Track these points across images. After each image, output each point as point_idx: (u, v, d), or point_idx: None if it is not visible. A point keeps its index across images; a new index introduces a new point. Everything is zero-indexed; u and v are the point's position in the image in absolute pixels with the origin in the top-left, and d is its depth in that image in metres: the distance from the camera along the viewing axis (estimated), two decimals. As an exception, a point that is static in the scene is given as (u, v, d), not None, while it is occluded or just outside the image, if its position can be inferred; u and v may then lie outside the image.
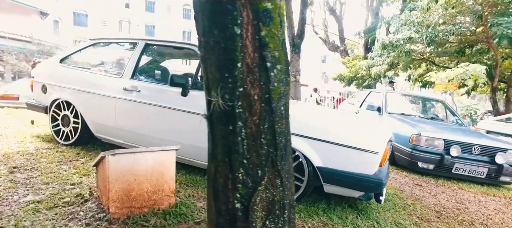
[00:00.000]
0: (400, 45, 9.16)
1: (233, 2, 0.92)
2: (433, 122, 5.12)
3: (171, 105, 2.76)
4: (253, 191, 1.11)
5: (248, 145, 1.07)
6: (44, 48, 14.81)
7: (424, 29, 8.98)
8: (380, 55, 11.04)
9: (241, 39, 0.96)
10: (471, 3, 8.37)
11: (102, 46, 3.58)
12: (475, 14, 8.69)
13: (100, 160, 1.91)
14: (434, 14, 8.47)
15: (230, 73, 0.99)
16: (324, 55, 41.89)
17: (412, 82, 12.83)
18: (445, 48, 10.36)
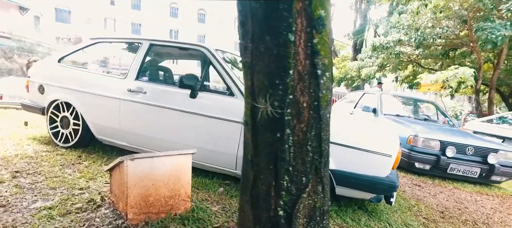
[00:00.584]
0: (390, 47, 9.36)
1: (289, 9, 0.92)
2: (426, 123, 5.27)
3: (180, 107, 2.72)
4: (297, 198, 1.12)
5: (294, 152, 1.07)
6: (25, 45, 14.28)
7: (413, 32, 9.22)
8: (370, 57, 11.26)
9: (294, 46, 0.96)
10: (457, 8, 8.66)
11: (103, 46, 3.48)
12: (460, 18, 9.00)
13: (117, 164, 1.86)
14: (423, 17, 8.71)
15: (282, 81, 0.99)
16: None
17: (399, 83, 13.15)
18: (431, 51, 10.68)
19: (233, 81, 2.66)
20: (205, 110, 2.64)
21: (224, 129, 2.59)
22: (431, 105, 6.33)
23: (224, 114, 2.59)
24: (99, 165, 2.88)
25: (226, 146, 2.60)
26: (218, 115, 2.61)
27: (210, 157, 2.69)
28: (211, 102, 2.67)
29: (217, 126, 2.61)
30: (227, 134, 2.59)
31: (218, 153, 2.65)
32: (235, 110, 2.57)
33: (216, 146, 2.64)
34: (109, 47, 3.53)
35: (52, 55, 3.85)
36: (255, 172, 1.17)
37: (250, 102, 1.11)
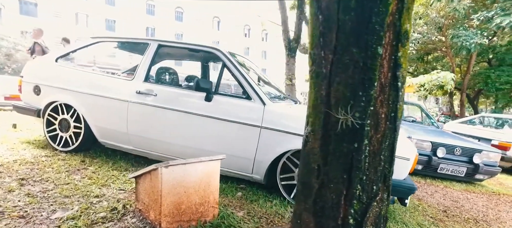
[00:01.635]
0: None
1: (382, 23, 0.94)
2: (415, 125, 5.52)
3: (195, 111, 2.67)
4: (367, 206, 1.15)
5: (369, 162, 1.10)
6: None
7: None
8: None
9: (380, 59, 0.98)
10: (434, 15, 9.14)
11: (104, 46, 3.33)
12: (436, 25, 9.52)
13: (147, 172, 1.80)
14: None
15: (365, 92, 1.01)
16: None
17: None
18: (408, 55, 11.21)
19: (250, 84, 2.65)
20: (222, 114, 2.62)
21: (242, 133, 2.58)
22: (416, 108, 6.63)
23: (241, 117, 2.58)
24: (106, 170, 2.76)
25: (244, 150, 2.59)
26: (235, 118, 2.59)
27: (227, 161, 2.66)
28: (228, 106, 2.65)
29: (234, 130, 2.59)
30: (244, 138, 2.58)
31: (235, 157, 2.63)
32: (253, 114, 2.57)
33: (233, 150, 2.62)
34: (111, 47, 3.38)
35: (50, 53, 3.63)
36: (322, 181, 1.19)
37: (323, 112, 1.13)
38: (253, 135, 2.55)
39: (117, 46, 3.42)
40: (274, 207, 2.39)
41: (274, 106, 2.59)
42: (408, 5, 0.93)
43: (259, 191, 2.73)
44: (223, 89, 4.27)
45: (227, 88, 8.53)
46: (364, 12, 0.93)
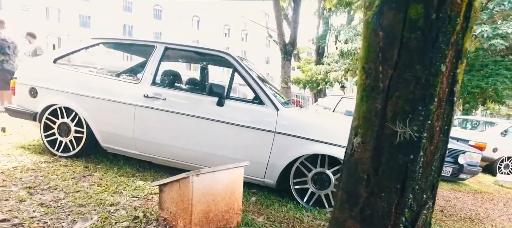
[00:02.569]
0: (356, 53, 10.00)
1: (447, 42, 1.00)
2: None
3: (207, 115, 2.65)
4: (417, 214, 1.21)
5: (421, 173, 1.16)
6: None
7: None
8: (336, 61, 11.88)
9: (442, 76, 1.04)
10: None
11: (106, 47, 3.23)
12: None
13: (175, 180, 1.78)
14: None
15: (425, 107, 1.07)
16: (268, 57, 43.10)
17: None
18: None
19: (263, 90, 2.67)
20: (235, 119, 2.62)
21: (255, 138, 2.60)
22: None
23: (254, 123, 2.59)
24: (113, 176, 2.69)
25: (256, 155, 2.61)
26: (248, 123, 2.60)
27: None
28: (240, 111, 2.66)
29: (247, 135, 2.61)
30: (257, 143, 2.60)
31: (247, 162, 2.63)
32: (266, 119, 2.59)
33: (246, 155, 2.63)
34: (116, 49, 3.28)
35: (46, 54, 3.45)
36: (372, 190, 1.24)
37: (377, 124, 1.17)
38: (267, 140, 2.57)
39: (120, 47, 3.32)
40: (290, 211, 2.43)
41: (287, 112, 2.62)
42: (471, 25, 1.00)
43: (271, 195, 2.76)
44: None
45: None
46: (431, 31, 0.99)
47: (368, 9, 1.13)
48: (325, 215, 2.46)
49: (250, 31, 41.00)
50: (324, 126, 2.62)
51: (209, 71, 4.24)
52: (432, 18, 0.98)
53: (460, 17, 0.98)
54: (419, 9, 0.98)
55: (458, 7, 0.96)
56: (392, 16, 1.05)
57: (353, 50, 9.97)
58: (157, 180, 2.77)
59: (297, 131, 2.53)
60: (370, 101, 1.19)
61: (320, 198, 2.59)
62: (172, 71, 3.38)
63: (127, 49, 3.44)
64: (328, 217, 2.42)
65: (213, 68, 4.27)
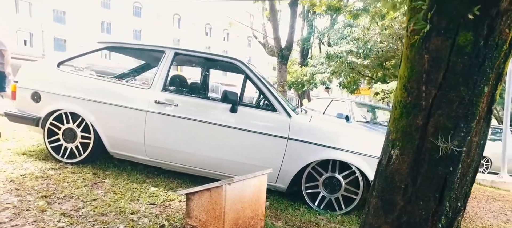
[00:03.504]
0: (342, 56, 10.29)
1: (492, 66, 1.11)
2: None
3: (220, 122, 2.69)
4: (451, 221, 1.32)
5: (458, 183, 1.27)
6: None
7: (361, 44, 10.31)
8: (322, 64, 12.16)
9: (484, 96, 1.16)
10: (397, 27, 9.97)
11: (113, 52, 3.18)
12: (398, 36, 10.40)
13: (206, 189, 1.82)
14: (372, 32, 9.82)
15: (466, 124, 1.18)
16: (249, 57, 43.19)
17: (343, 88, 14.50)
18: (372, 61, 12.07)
19: (275, 97, 2.74)
20: (248, 125, 2.68)
21: (268, 144, 2.66)
22: (388, 112, 7.19)
23: (268, 129, 2.66)
24: (125, 183, 2.67)
25: (270, 160, 2.68)
26: (262, 130, 2.66)
27: (251, 171, 2.70)
28: (254, 118, 2.71)
29: (261, 141, 2.67)
30: (271, 149, 2.67)
31: (260, 168, 2.69)
32: (280, 126, 2.67)
33: (259, 161, 2.69)
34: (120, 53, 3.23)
35: (49, 58, 3.34)
36: (410, 199, 1.34)
37: (417, 139, 1.28)
38: (280, 146, 2.65)
39: (128, 52, 3.28)
40: (304, 215, 2.52)
41: (299, 118, 2.71)
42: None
43: (282, 199, 2.84)
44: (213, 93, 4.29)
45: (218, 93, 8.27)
46: (478, 57, 1.10)
47: (413, 34, 1.23)
48: (337, 217, 2.57)
49: (231, 30, 40.92)
50: (335, 132, 2.73)
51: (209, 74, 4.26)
52: (480, 45, 1.09)
53: (506, 44, 1.10)
54: (469, 37, 1.09)
55: (505, 36, 1.08)
56: (439, 41, 1.15)
57: (339, 54, 10.24)
58: (169, 186, 2.78)
59: (310, 137, 2.63)
60: (411, 117, 1.29)
61: (330, 202, 2.70)
62: (180, 76, 3.38)
63: (135, 54, 3.39)
64: (340, 220, 2.53)
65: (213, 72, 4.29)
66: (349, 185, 2.66)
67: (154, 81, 2.85)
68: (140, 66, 4.12)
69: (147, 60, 3.72)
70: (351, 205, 2.67)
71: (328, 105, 7.16)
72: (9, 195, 2.11)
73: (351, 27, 10.53)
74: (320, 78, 12.51)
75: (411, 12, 1.26)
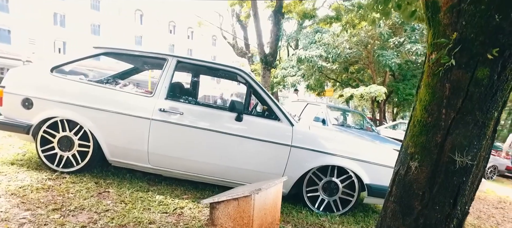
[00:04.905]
0: (313, 60, 10.74)
1: (502, 96, 1.37)
2: (366, 133, 6.46)
3: (226, 130, 2.78)
4: (461, 221, 1.58)
5: (468, 190, 1.53)
6: None
7: (331, 49, 10.85)
8: (292, 67, 12.56)
9: (494, 119, 1.42)
10: (363, 35, 10.65)
11: (110, 58, 3.10)
12: (363, 43, 11.11)
13: (233, 199, 1.92)
14: (340, 39, 10.39)
15: (479, 142, 1.43)
16: (214, 56, 42.81)
17: (310, 90, 15.07)
18: (340, 65, 12.74)
19: (278, 107, 2.89)
20: (253, 134, 2.79)
21: (272, 151, 2.81)
22: (360, 116, 7.70)
23: (272, 137, 2.80)
24: (130, 191, 2.65)
25: (273, 166, 2.83)
26: (266, 138, 2.80)
27: (256, 177, 2.84)
28: (258, 126, 2.84)
29: (265, 149, 2.80)
30: (274, 156, 2.82)
31: (265, 173, 2.83)
32: (283, 134, 2.82)
33: (263, 167, 2.83)
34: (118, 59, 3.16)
35: (41, 62, 3.14)
36: (427, 204, 1.57)
37: (436, 153, 1.51)
38: (284, 153, 2.81)
39: (126, 58, 3.21)
40: (308, 217, 2.70)
41: (301, 127, 2.89)
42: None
43: (284, 203, 2.99)
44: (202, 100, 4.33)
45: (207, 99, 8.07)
46: (492, 88, 1.34)
47: (436, 65, 1.45)
48: (336, 218, 2.79)
49: (196, 29, 40.21)
50: (334, 140, 2.95)
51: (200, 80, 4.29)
52: (494, 79, 1.34)
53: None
54: (486, 72, 1.33)
55: (515, 73, 1.35)
56: (460, 74, 1.38)
57: (309, 58, 10.67)
58: (174, 193, 2.81)
59: (311, 145, 2.82)
60: (431, 135, 1.52)
61: (328, 204, 2.91)
62: (180, 84, 3.38)
63: (134, 61, 3.32)
64: (339, 221, 2.76)
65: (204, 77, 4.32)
66: (345, 188, 2.90)
67: (158, 89, 2.85)
68: (128, 70, 4.02)
69: (148, 67, 3.66)
70: (347, 206, 2.91)
71: (303, 109, 7.47)
72: (18, 209, 2.03)
73: (322, 33, 11.02)
74: (292, 81, 12.92)
75: (434, 46, 1.49)
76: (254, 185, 2.25)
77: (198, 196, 2.85)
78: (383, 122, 12.59)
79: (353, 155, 2.85)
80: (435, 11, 1.47)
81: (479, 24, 1.33)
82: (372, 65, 11.47)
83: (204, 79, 4.13)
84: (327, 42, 10.62)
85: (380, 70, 11.62)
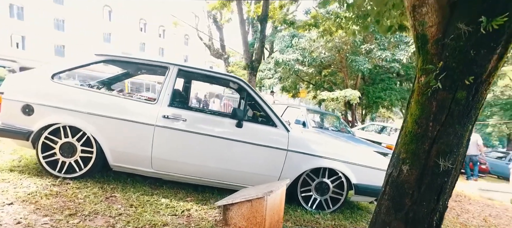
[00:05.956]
0: (290, 64, 11.14)
1: (475, 113, 1.70)
2: (344, 134, 6.89)
3: (228, 135, 2.97)
4: (442, 214, 1.91)
5: (448, 188, 1.86)
6: None
7: (307, 54, 11.32)
8: (269, 69, 12.89)
9: (469, 131, 1.75)
10: (337, 41, 11.22)
11: (112, 65, 3.16)
12: (337, 48, 11.69)
13: (247, 200, 2.13)
14: (316, 44, 10.87)
15: (457, 150, 1.76)
16: (186, 55, 42.25)
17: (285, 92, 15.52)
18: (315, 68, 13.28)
19: (275, 114, 3.13)
20: (253, 139, 3.01)
21: (270, 155, 3.04)
22: (336, 118, 8.16)
23: (270, 142, 3.04)
24: (136, 196, 2.76)
25: (271, 169, 3.06)
26: (264, 143, 3.03)
27: (254, 179, 3.06)
28: (257, 132, 3.06)
29: (263, 153, 3.03)
30: (272, 160, 3.05)
31: (262, 176, 3.06)
32: (280, 139, 3.07)
33: (261, 170, 3.05)
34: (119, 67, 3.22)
35: (40, 68, 3.10)
36: (416, 201, 1.89)
37: (424, 159, 1.82)
38: (280, 157, 3.05)
39: (128, 66, 3.28)
40: (304, 215, 2.97)
41: (296, 132, 3.15)
42: (484, 102, 1.72)
43: (279, 203, 3.24)
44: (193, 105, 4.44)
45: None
46: (468, 107, 1.67)
47: (425, 87, 1.77)
48: (327, 215, 3.08)
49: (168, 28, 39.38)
50: (325, 144, 3.24)
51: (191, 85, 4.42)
52: (470, 100, 1.67)
53: (483, 100, 1.70)
54: (464, 94, 1.66)
55: (484, 95, 1.68)
56: (445, 94, 1.70)
57: (287, 61, 11.06)
58: (177, 196, 2.96)
59: (305, 149, 3.09)
60: (419, 144, 1.83)
61: (320, 202, 3.20)
62: (179, 91, 3.51)
63: (135, 68, 3.38)
64: (331, 217, 3.05)
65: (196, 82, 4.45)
66: (335, 187, 3.20)
67: (160, 96, 2.98)
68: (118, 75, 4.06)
69: (148, 75, 3.72)
70: (337, 204, 3.22)
71: (283, 111, 7.79)
72: (36, 215, 2.09)
73: (298, 38, 11.45)
74: (269, 84, 13.26)
75: (423, 71, 1.80)
76: (261, 186, 2.47)
77: (200, 198, 3.01)
78: (355, 123, 13.30)
79: (342, 158, 3.16)
80: (424, 43, 1.78)
81: (458, 57, 1.65)
82: (345, 69, 12.10)
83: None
84: (304, 47, 11.06)
85: (353, 74, 12.30)
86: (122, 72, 3.95)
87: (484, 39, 1.60)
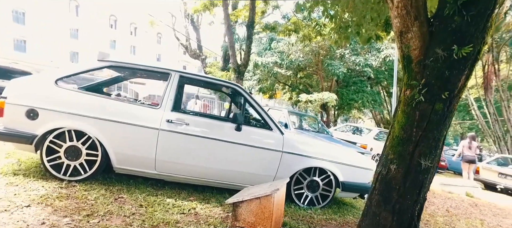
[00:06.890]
0: (269, 66, 11.49)
1: (449, 121, 2.08)
2: (322, 135, 7.30)
3: (228, 138, 3.19)
4: (421, 205, 2.28)
5: (427, 183, 2.23)
6: None
7: (285, 57, 11.72)
8: (248, 71, 13.16)
9: (443, 137, 2.12)
10: (314, 45, 11.73)
11: (114, 71, 3.26)
12: (314, 53, 12.21)
13: (255, 198, 2.37)
14: (294, 47, 11.31)
15: (435, 151, 2.12)
16: (159, 54, 41.43)
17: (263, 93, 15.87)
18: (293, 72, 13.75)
19: (271, 118, 3.40)
20: (251, 142, 3.26)
21: (266, 156, 3.30)
22: (314, 119, 8.58)
23: (266, 145, 3.30)
24: (142, 196, 2.90)
25: (267, 170, 3.32)
26: (261, 145, 3.29)
27: (252, 179, 3.30)
28: (254, 135, 3.31)
29: (260, 154, 3.29)
30: (268, 161, 3.32)
31: (259, 176, 3.32)
32: (275, 142, 3.34)
33: (257, 170, 3.31)
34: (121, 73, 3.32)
35: (44, 73, 3.11)
36: (401, 194, 2.24)
37: (408, 159, 2.18)
38: (276, 158, 3.33)
39: (130, 72, 3.39)
40: (299, 211, 3.27)
41: (290, 135, 3.44)
42: (454, 113, 2.10)
43: (273, 200, 3.51)
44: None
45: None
46: (443, 116, 2.03)
47: (410, 99, 2.11)
48: (318, 210, 3.40)
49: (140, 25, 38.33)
50: (316, 145, 3.56)
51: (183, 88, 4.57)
52: (445, 111, 2.04)
53: (454, 111, 2.08)
54: (441, 106, 2.02)
55: (455, 107, 2.06)
56: (426, 106, 2.06)
57: (266, 64, 11.40)
58: (181, 195, 3.14)
59: (299, 150, 3.38)
60: (405, 146, 2.18)
61: (311, 199, 3.51)
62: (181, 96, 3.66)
63: (137, 74, 3.48)
64: (321, 212, 3.37)
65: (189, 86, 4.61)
66: (324, 185, 3.53)
67: (164, 101, 3.14)
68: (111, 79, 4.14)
69: (150, 81, 3.82)
70: (326, 200, 3.55)
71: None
72: (56, 217, 2.20)
73: (277, 41, 11.83)
74: (248, 85, 13.53)
75: (408, 85, 2.15)
76: (263, 185, 2.73)
77: (202, 197, 3.21)
78: (329, 124, 13.94)
79: (331, 158, 3.49)
80: (409, 62, 2.14)
81: (437, 75, 2.02)
82: (320, 72, 12.66)
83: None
84: (282, 50, 11.45)
85: (328, 77, 12.90)
86: (121, 76, 4.03)
87: (456, 63, 1.98)
